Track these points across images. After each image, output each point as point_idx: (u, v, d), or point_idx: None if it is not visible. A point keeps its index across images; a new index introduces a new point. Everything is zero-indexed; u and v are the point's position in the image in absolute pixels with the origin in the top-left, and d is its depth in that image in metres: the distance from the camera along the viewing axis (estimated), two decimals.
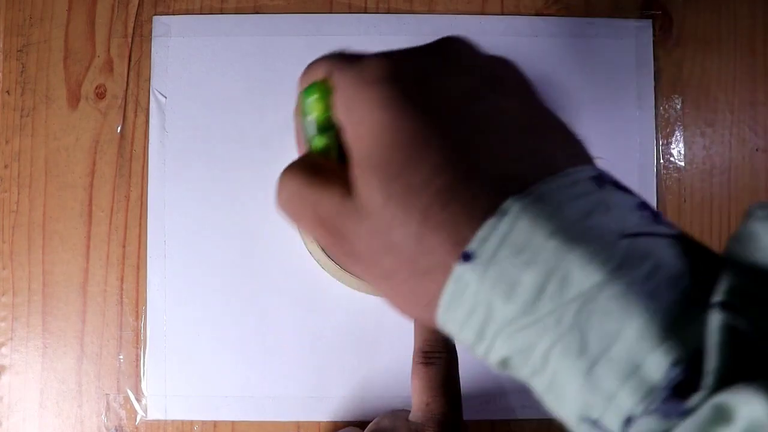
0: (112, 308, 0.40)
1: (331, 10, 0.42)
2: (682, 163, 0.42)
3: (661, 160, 0.42)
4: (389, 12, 0.42)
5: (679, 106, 0.42)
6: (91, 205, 0.41)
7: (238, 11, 0.42)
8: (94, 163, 0.41)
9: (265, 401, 0.40)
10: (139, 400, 0.40)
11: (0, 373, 0.40)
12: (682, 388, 0.15)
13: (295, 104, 0.23)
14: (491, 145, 0.18)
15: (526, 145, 0.19)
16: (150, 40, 0.41)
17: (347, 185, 0.19)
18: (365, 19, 0.42)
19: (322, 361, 0.40)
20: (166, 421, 0.40)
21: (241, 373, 0.40)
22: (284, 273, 0.40)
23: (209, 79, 0.41)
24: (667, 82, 0.42)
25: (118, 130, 0.41)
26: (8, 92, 0.41)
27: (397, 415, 0.32)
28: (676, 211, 0.42)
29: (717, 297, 0.15)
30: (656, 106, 0.42)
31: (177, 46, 0.41)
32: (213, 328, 0.40)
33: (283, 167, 0.21)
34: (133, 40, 0.41)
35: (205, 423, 0.40)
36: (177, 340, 0.40)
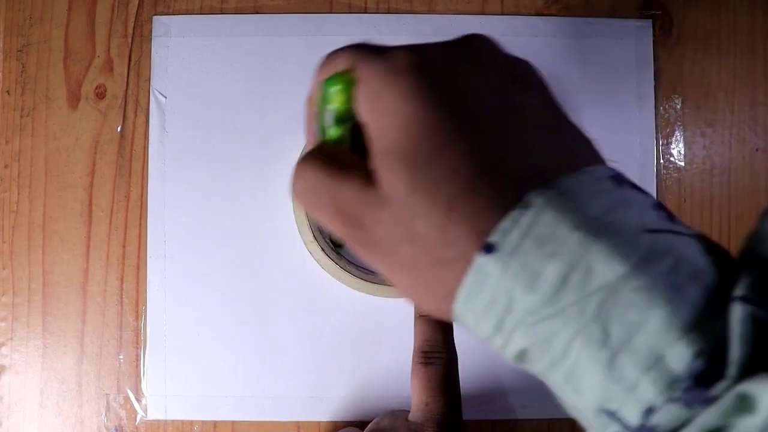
0: (112, 308, 0.40)
1: (331, 10, 0.42)
2: (682, 163, 0.42)
3: (661, 160, 0.42)
4: (389, 12, 0.42)
5: (679, 106, 0.42)
6: (91, 205, 0.41)
7: (238, 11, 0.42)
8: (94, 163, 0.41)
9: (265, 401, 0.40)
10: (139, 400, 0.40)
11: (0, 373, 0.40)
12: (704, 378, 0.15)
13: (310, 93, 0.23)
14: (515, 139, 0.19)
15: (548, 141, 0.19)
16: (150, 40, 0.41)
17: (367, 175, 0.20)
18: (365, 19, 0.42)
19: (322, 361, 0.40)
20: (166, 421, 0.40)
21: (241, 373, 0.40)
22: (284, 273, 0.40)
23: (209, 79, 0.41)
24: (667, 82, 0.42)
25: (118, 130, 0.41)
26: (8, 92, 0.41)
27: (396, 415, 0.32)
28: (676, 211, 0.42)
29: (738, 291, 0.16)
30: (656, 106, 0.42)
31: (177, 46, 0.41)
32: (213, 328, 0.40)
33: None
34: (133, 40, 0.41)
35: (205, 423, 0.40)
36: (177, 340, 0.40)
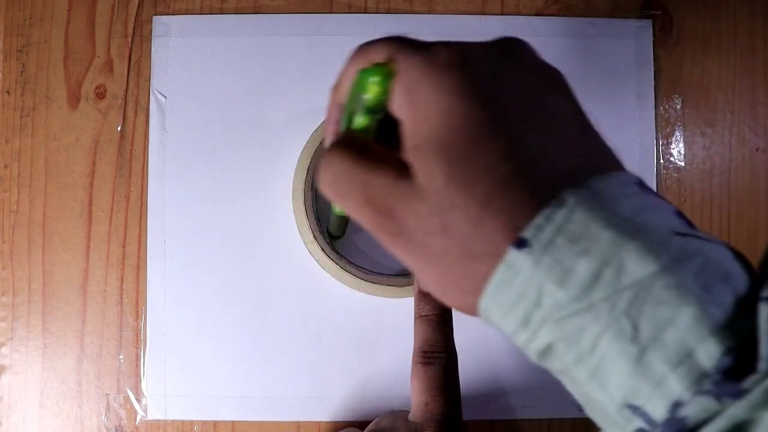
0: (112, 308, 0.40)
1: (331, 10, 0.42)
2: (682, 163, 0.42)
3: (661, 160, 0.42)
4: (389, 12, 0.42)
5: (679, 106, 0.42)
6: (91, 205, 0.41)
7: (238, 11, 0.42)
8: (94, 163, 0.41)
9: (265, 401, 0.40)
10: (139, 400, 0.40)
11: (0, 373, 0.40)
12: (732, 373, 0.15)
13: (337, 79, 0.23)
14: (549, 140, 0.19)
15: (578, 144, 0.20)
16: (150, 40, 0.41)
17: (399, 166, 0.20)
18: (365, 19, 0.42)
19: (322, 361, 0.40)
20: (166, 421, 0.40)
21: (241, 373, 0.40)
22: (284, 273, 0.40)
23: (209, 79, 0.41)
24: (667, 82, 0.42)
25: (118, 130, 0.41)
26: (8, 92, 0.41)
27: (396, 415, 0.32)
28: None
29: (766, 292, 0.16)
30: (656, 106, 0.42)
31: (177, 46, 0.41)
32: (213, 328, 0.40)
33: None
34: (133, 40, 0.41)
35: (205, 423, 0.40)
36: (177, 340, 0.40)
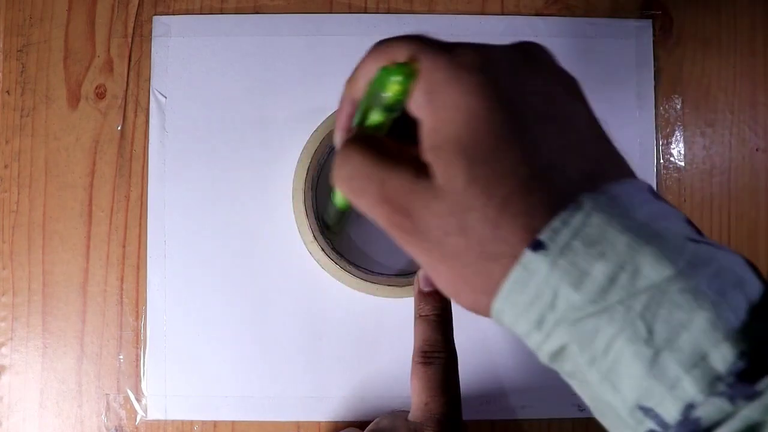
0: (112, 308, 0.40)
1: (331, 10, 0.42)
2: (682, 163, 0.42)
3: (661, 160, 0.42)
4: (389, 12, 0.42)
5: (679, 106, 0.42)
6: (91, 205, 0.41)
7: (238, 11, 0.42)
8: (94, 163, 0.41)
9: (265, 401, 0.40)
10: (139, 400, 0.40)
11: (0, 373, 0.40)
12: (745, 377, 0.16)
13: (352, 74, 0.23)
14: (567, 144, 0.19)
15: (595, 150, 0.20)
16: (150, 40, 0.41)
17: (417, 165, 0.20)
18: (365, 19, 0.42)
19: (322, 361, 0.40)
20: (166, 421, 0.40)
21: (241, 373, 0.40)
22: (284, 273, 0.40)
23: (209, 79, 0.41)
24: (667, 82, 0.42)
25: (118, 130, 0.41)
26: (8, 92, 0.41)
27: (396, 415, 0.32)
28: None
29: None
30: (656, 106, 0.42)
31: (177, 46, 0.41)
32: (213, 328, 0.40)
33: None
34: (133, 40, 0.41)
35: (205, 423, 0.40)
36: (177, 340, 0.40)
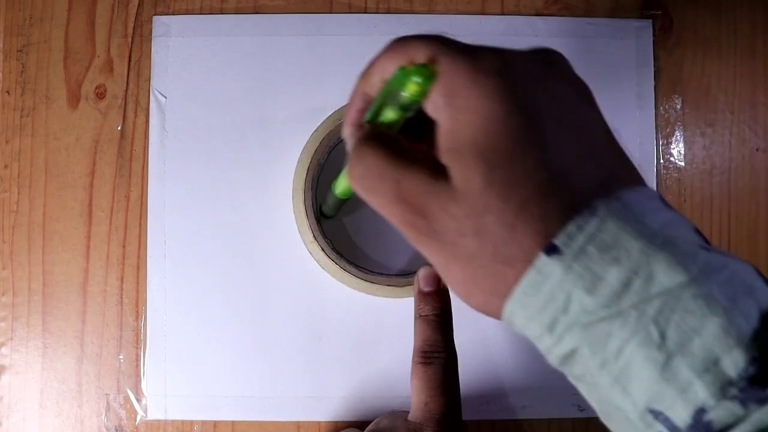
0: (112, 308, 0.40)
1: (331, 10, 0.42)
2: (682, 163, 0.42)
3: (661, 160, 0.42)
4: (389, 12, 0.42)
5: (679, 106, 0.42)
6: (91, 205, 0.41)
7: (238, 11, 0.42)
8: (94, 163, 0.41)
9: (265, 401, 0.40)
10: (139, 400, 0.40)
11: (0, 373, 0.40)
12: (756, 381, 0.16)
13: (366, 69, 0.23)
14: (583, 150, 0.20)
15: (608, 156, 0.20)
16: (150, 40, 0.41)
17: (433, 166, 0.20)
18: (365, 19, 0.42)
19: (322, 361, 0.40)
20: (166, 421, 0.40)
21: (241, 373, 0.40)
22: (284, 273, 0.40)
23: (209, 79, 0.41)
24: (667, 82, 0.42)
25: (118, 130, 0.41)
26: (8, 92, 0.41)
27: (396, 415, 0.32)
28: None
29: None
30: (656, 106, 0.42)
31: (177, 46, 0.41)
32: (213, 328, 0.40)
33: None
34: (133, 40, 0.41)
35: (205, 423, 0.40)
36: (177, 340, 0.40)
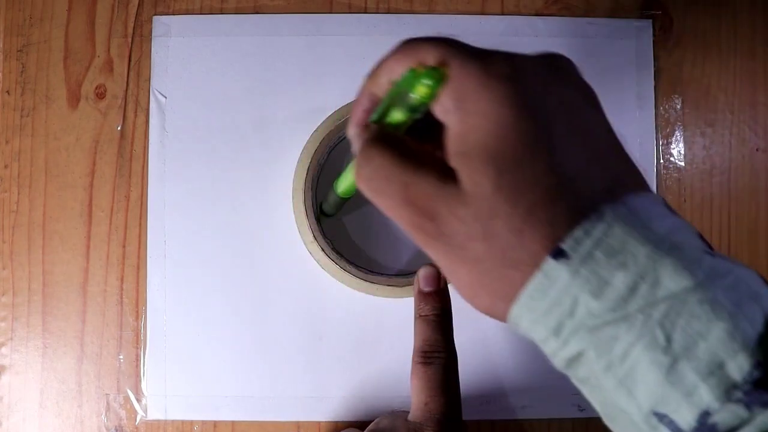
0: (112, 308, 0.40)
1: (331, 10, 0.42)
2: (682, 163, 0.42)
3: (661, 160, 0.42)
4: (389, 12, 0.42)
5: (679, 106, 0.42)
6: (91, 205, 0.41)
7: (238, 11, 0.42)
8: (94, 163, 0.41)
9: (265, 401, 0.40)
10: (139, 400, 0.40)
11: (0, 373, 0.40)
12: (760, 385, 0.16)
13: (374, 69, 0.23)
14: (590, 155, 0.20)
15: (614, 161, 0.20)
16: (150, 40, 0.41)
17: (442, 169, 0.20)
18: (365, 19, 0.42)
19: (322, 361, 0.40)
20: (166, 421, 0.40)
21: (241, 373, 0.40)
22: (284, 273, 0.40)
23: (209, 79, 0.41)
24: (667, 82, 0.42)
25: (118, 130, 0.41)
26: (8, 92, 0.41)
27: (396, 415, 0.32)
28: (677, 211, 0.42)
29: None
30: (656, 106, 0.42)
31: (177, 46, 0.41)
32: (213, 328, 0.40)
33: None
34: (133, 40, 0.41)
35: (205, 423, 0.40)
36: (177, 340, 0.40)
